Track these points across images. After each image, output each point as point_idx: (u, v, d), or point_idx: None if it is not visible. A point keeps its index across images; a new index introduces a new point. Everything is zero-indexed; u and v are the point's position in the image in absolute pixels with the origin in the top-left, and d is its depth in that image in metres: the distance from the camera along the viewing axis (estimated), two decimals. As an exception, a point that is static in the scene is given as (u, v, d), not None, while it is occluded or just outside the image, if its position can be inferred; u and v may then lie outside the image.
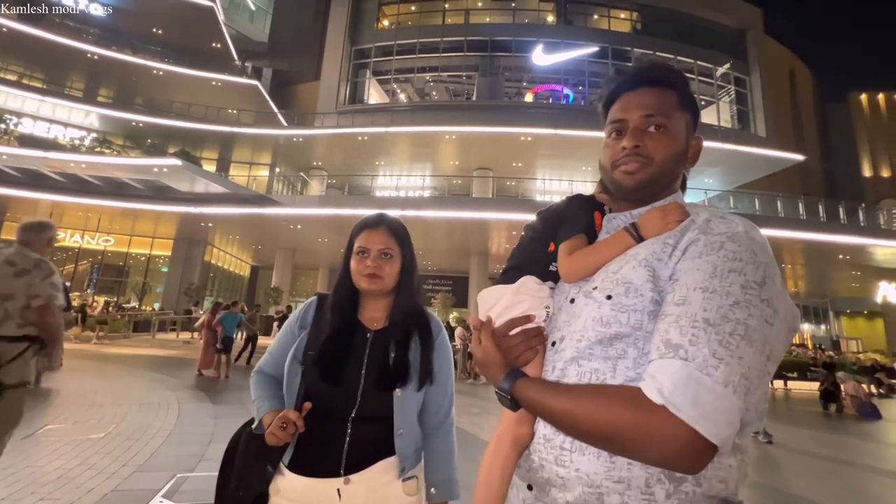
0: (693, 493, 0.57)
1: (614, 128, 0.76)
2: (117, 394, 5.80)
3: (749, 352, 0.55)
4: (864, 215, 17.61)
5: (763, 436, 5.41)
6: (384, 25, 25.79)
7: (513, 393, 0.68)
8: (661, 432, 0.53)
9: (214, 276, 22.44)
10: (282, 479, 1.08)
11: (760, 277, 0.59)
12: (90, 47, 20.16)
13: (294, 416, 1.02)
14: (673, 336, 0.57)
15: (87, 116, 20.91)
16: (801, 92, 33.38)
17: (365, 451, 1.08)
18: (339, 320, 1.16)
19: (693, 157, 0.77)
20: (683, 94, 0.75)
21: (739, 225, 0.64)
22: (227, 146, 22.13)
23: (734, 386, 0.53)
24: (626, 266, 0.67)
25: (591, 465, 0.61)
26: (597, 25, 24.71)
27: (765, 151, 20.08)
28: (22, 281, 2.01)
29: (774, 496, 3.56)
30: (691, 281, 0.59)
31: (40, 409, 4.86)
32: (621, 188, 0.75)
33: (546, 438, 0.67)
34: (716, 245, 0.61)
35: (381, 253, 1.17)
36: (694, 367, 0.54)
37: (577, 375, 0.66)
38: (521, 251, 0.86)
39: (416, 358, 1.15)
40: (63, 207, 17.14)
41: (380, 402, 1.10)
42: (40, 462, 3.23)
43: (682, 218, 0.69)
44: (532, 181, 22.11)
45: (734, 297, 0.57)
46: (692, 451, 0.52)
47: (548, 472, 0.65)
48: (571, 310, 0.73)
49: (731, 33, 24.98)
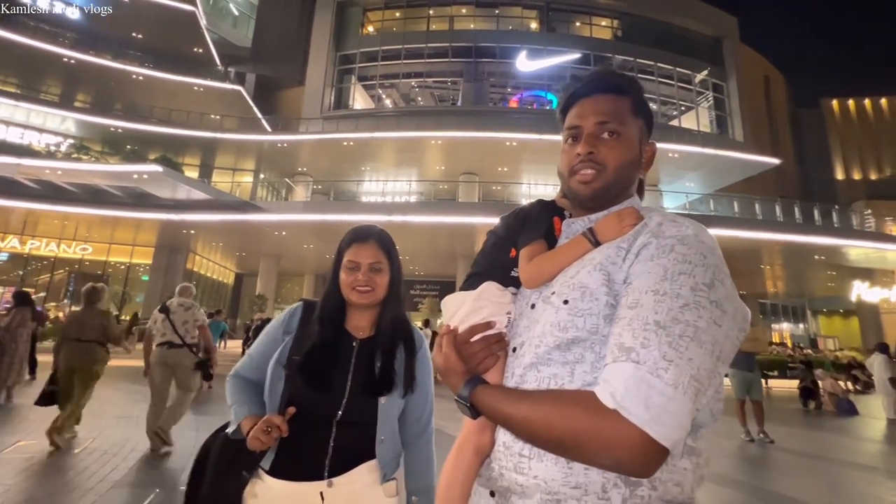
0: (649, 496, 0.57)
1: (570, 134, 0.77)
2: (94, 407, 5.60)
3: (698, 353, 0.55)
4: (837, 217, 18.23)
5: (763, 437, 5.53)
6: (369, 31, 25.82)
7: (472, 400, 0.68)
8: (613, 436, 0.53)
9: (197, 284, 21.98)
10: (260, 483, 1.07)
11: (709, 279, 0.59)
12: (67, 51, 19.69)
13: (278, 421, 1.02)
14: (626, 339, 0.57)
15: (63, 122, 20.38)
16: (776, 98, 34.46)
17: (348, 455, 1.10)
18: (328, 330, 1.17)
19: (647, 162, 0.78)
20: (637, 101, 0.77)
21: (689, 228, 0.65)
22: (210, 152, 21.80)
23: (684, 387, 0.53)
24: (583, 271, 0.67)
25: (549, 472, 0.60)
26: (579, 32, 25.17)
27: (742, 155, 20.63)
28: (189, 313, 4.30)
29: (756, 493, 3.62)
30: (643, 284, 0.60)
31: (12, 424, 4.68)
32: (577, 197, 0.76)
33: (506, 446, 0.66)
34: (666, 248, 0.62)
35: (371, 267, 1.19)
36: (645, 369, 0.54)
37: (535, 381, 0.65)
38: (483, 257, 0.85)
39: (401, 367, 1.18)
40: (38, 215, 16.64)
41: (364, 409, 1.12)
42: (12, 481, 3.10)
43: (637, 222, 0.69)
44: (518, 185, 22.29)
45: (684, 299, 0.57)
46: (644, 454, 0.52)
47: (507, 479, 0.65)
48: (531, 315, 0.72)
49: (709, 41, 25.70)
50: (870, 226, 19.83)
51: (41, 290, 19.27)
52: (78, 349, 4.09)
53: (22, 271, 19.38)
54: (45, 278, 19.98)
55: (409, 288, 22.53)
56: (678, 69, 24.47)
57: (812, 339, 27.24)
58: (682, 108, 24.81)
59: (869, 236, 17.20)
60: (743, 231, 15.13)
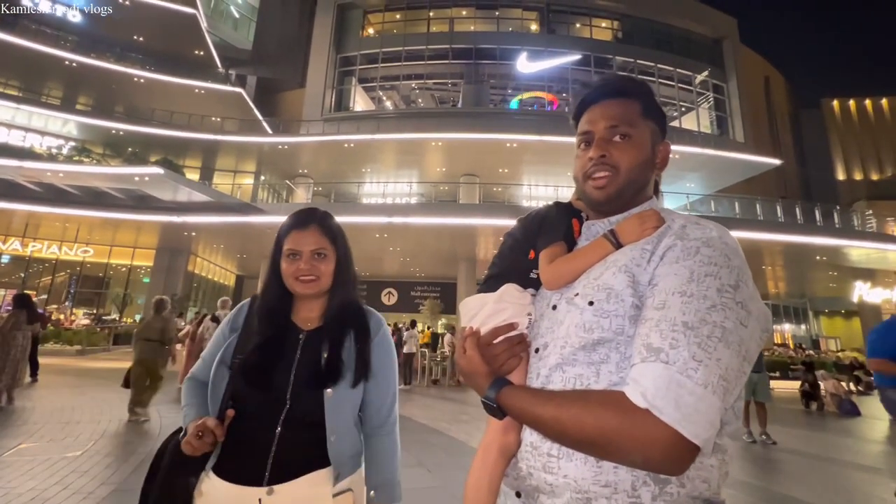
0: (678, 494, 0.59)
1: (582, 139, 0.80)
2: (96, 410, 5.62)
3: (726, 353, 0.56)
4: (839, 217, 18.18)
5: (765, 438, 5.50)
6: (369, 33, 25.86)
7: (499, 401, 0.69)
8: (645, 435, 0.54)
9: (198, 286, 21.99)
10: (207, 482, 1.02)
11: (734, 281, 0.61)
12: (68, 54, 19.72)
13: (212, 424, 0.96)
14: (654, 340, 0.58)
15: (65, 125, 20.41)
16: (777, 98, 34.43)
17: (293, 460, 1.01)
18: (269, 324, 1.10)
19: (662, 162, 0.80)
20: (647, 104, 0.79)
21: (713, 230, 0.66)
22: (211, 154, 21.83)
23: (713, 387, 0.55)
24: (607, 272, 0.68)
25: (579, 471, 0.61)
26: (579, 34, 25.18)
27: (743, 156, 20.59)
28: None
29: (759, 494, 3.61)
30: (670, 285, 0.61)
31: (14, 427, 4.68)
32: (592, 201, 0.79)
33: (533, 446, 0.67)
34: (692, 250, 0.63)
35: (313, 254, 1.11)
36: (675, 370, 0.55)
37: (561, 381, 0.66)
38: (501, 259, 0.86)
39: (351, 355, 1.09)
40: (39, 218, 16.65)
41: (311, 404, 1.03)
42: (12, 483, 3.10)
43: (659, 224, 0.70)
44: (518, 187, 22.28)
45: (711, 300, 0.58)
46: (676, 452, 0.54)
47: (536, 479, 0.66)
48: (554, 316, 0.74)
49: (709, 42, 25.70)
50: (871, 226, 19.76)
51: (43, 292, 19.27)
52: (146, 347, 5.42)
53: (24, 273, 19.39)
54: (47, 280, 19.99)
55: (410, 289, 22.50)
56: (678, 70, 24.46)
57: (814, 339, 27.16)
58: (682, 109, 24.81)
59: (870, 237, 17.15)
60: (744, 232, 15.10)
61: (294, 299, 1.16)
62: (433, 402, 7.69)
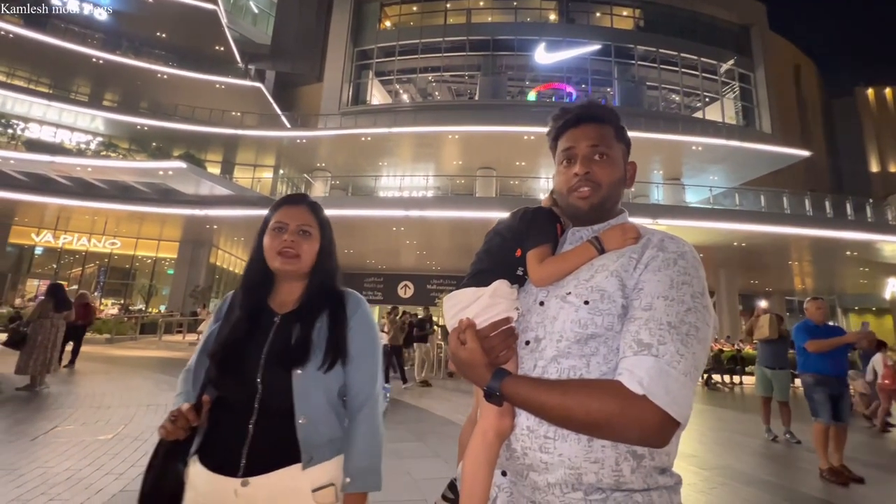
0: (649, 466, 0.71)
1: (565, 156, 0.90)
2: (125, 395, 5.85)
3: (699, 348, 0.70)
4: (871, 211, 17.41)
5: (789, 437, 5.37)
6: (386, 26, 25.82)
7: (502, 390, 0.75)
8: (642, 417, 0.65)
9: (220, 277, 22.55)
10: (192, 468, 1.03)
11: (702, 288, 0.74)
12: (95, 52, 20.28)
13: (185, 409, 0.97)
14: (644, 336, 0.69)
15: (92, 120, 21.08)
16: (807, 87, 33.07)
17: (269, 451, 0.99)
18: (245, 305, 1.10)
19: (630, 179, 0.92)
20: (618, 128, 0.91)
21: (685, 245, 0.79)
22: (231, 148, 22.24)
23: (691, 375, 0.68)
24: (599, 275, 0.78)
25: (572, 450, 0.71)
26: (599, 23, 24.61)
27: (770, 148, 19.91)
28: None
29: (782, 493, 3.53)
30: (654, 290, 0.73)
31: (49, 410, 4.92)
32: (577, 212, 0.88)
33: (530, 429, 0.75)
34: (671, 261, 0.76)
35: (299, 228, 1.11)
36: (664, 362, 0.67)
37: (556, 372, 0.75)
38: (489, 255, 0.92)
39: (322, 336, 1.06)
40: (70, 211, 17.29)
41: (281, 387, 1.00)
42: (50, 463, 3.27)
43: (638, 236, 0.82)
44: (536, 180, 22.06)
45: (687, 304, 0.71)
46: (664, 429, 0.66)
47: (531, 458, 0.74)
48: (544, 312, 0.82)
49: (735, 29, 24.80)
50: (906, 220, 18.89)
51: (73, 282, 20.04)
52: None
53: (56, 265, 20.20)
54: (77, 271, 20.77)
55: (427, 283, 22.59)
56: (703, 59, 23.71)
57: (842, 337, 26.24)
58: (706, 99, 24.08)
59: (905, 231, 16.41)
60: (770, 226, 14.63)
61: (274, 283, 1.15)
62: (449, 394, 7.76)
